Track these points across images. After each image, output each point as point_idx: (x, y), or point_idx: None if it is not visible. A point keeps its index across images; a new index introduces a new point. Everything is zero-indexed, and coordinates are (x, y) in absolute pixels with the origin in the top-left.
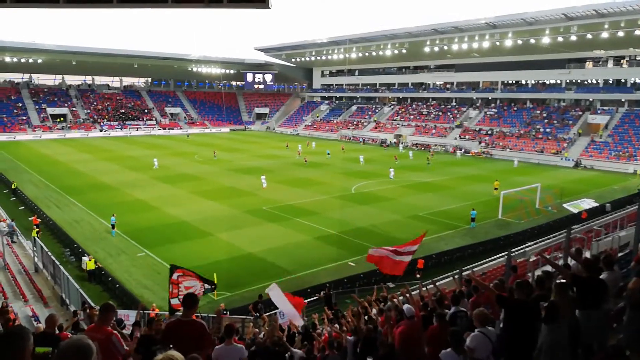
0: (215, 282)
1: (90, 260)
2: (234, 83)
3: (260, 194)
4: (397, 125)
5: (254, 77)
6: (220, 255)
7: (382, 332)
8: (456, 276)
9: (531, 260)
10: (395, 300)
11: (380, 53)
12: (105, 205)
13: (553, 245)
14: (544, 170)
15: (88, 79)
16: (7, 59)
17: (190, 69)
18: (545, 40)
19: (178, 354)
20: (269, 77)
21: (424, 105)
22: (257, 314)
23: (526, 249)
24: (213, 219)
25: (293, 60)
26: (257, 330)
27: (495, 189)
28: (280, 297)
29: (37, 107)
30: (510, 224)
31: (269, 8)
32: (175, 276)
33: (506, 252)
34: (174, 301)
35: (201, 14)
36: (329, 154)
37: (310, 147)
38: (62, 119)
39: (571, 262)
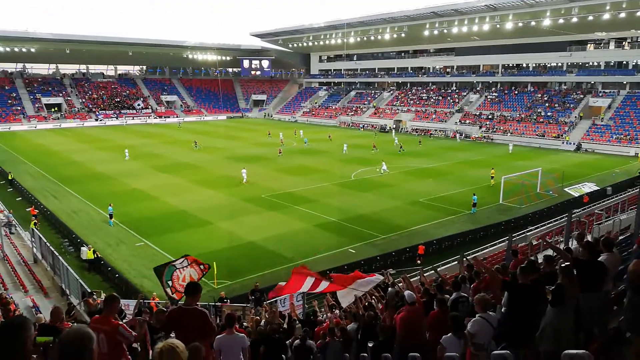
0: (209, 265)
1: (89, 250)
2: (230, 70)
3: (261, 182)
4: (397, 111)
5: (250, 64)
6: (220, 244)
7: (382, 319)
8: (458, 262)
9: (533, 244)
10: (397, 286)
11: (379, 37)
12: (103, 195)
13: (554, 230)
14: (545, 154)
15: (82, 67)
16: (0, 49)
17: (185, 56)
18: (546, 22)
19: (179, 342)
20: (265, 63)
21: (424, 90)
22: (253, 297)
23: (527, 234)
24: (212, 208)
25: (290, 45)
26: (258, 317)
27: (492, 177)
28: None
29: (31, 97)
30: (511, 209)
31: None
32: (172, 278)
33: (507, 237)
34: (174, 295)
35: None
36: (306, 142)
37: (298, 135)
38: (56, 108)
39: (572, 245)
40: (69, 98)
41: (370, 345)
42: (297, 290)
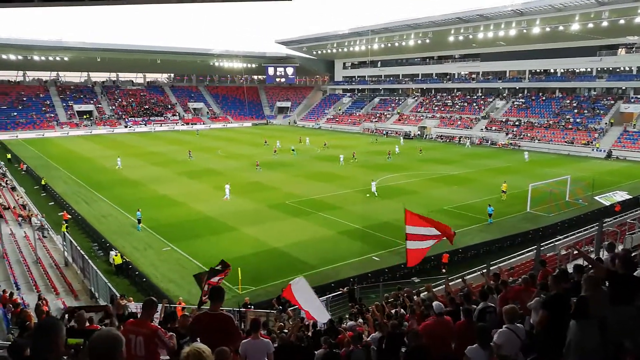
0: (228, 265)
1: (116, 255)
2: (255, 77)
3: (285, 189)
4: (421, 117)
5: (275, 71)
6: (246, 249)
7: (407, 327)
8: (481, 273)
9: (561, 254)
10: (426, 293)
11: (403, 43)
12: (131, 200)
13: (584, 239)
14: (574, 161)
15: (112, 75)
16: (36, 58)
17: (212, 64)
18: (575, 27)
19: (205, 347)
20: (290, 71)
21: (449, 96)
22: (280, 307)
23: (556, 243)
24: (237, 214)
25: (314, 52)
26: (282, 324)
27: (503, 191)
28: (305, 292)
29: (64, 104)
30: (539, 217)
31: (291, 0)
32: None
33: (535, 246)
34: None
35: (223, 8)
36: (293, 150)
37: (303, 142)
38: (88, 115)
39: (603, 256)
40: (99, 105)
41: (403, 351)
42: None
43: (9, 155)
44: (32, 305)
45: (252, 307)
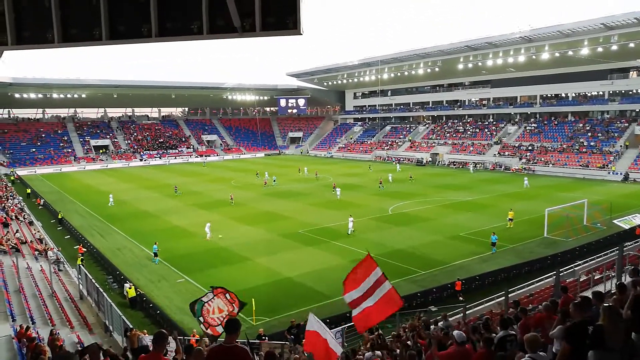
0: (240, 299)
1: (130, 288)
2: (267, 109)
3: (297, 217)
4: (433, 144)
5: (287, 102)
6: (259, 280)
7: (427, 357)
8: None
9: (581, 279)
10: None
11: (413, 72)
12: (146, 232)
13: (605, 264)
14: (590, 185)
15: (128, 110)
16: (55, 95)
17: (225, 97)
18: (585, 51)
19: None
20: (301, 102)
21: (460, 123)
22: (292, 337)
23: (575, 268)
24: (251, 244)
25: (325, 83)
26: (297, 357)
27: (510, 219)
28: (320, 325)
29: (81, 139)
30: (557, 242)
31: (301, 34)
32: (202, 313)
33: (554, 272)
34: (209, 331)
35: (235, 43)
36: (275, 180)
37: (302, 173)
38: (104, 150)
39: (626, 280)
40: (115, 140)
41: None
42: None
43: (28, 190)
44: (47, 340)
45: (266, 338)
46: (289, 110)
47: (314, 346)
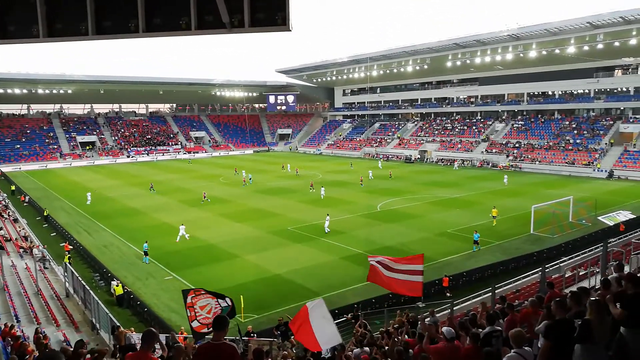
0: (232, 299)
1: (117, 286)
2: (256, 105)
3: (286, 214)
4: (422, 141)
5: (276, 99)
6: (248, 277)
7: (414, 352)
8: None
9: (567, 275)
10: (430, 318)
11: (402, 69)
12: (133, 229)
13: (589, 260)
14: (575, 182)
15: (115, 106)
16: (40, 91)
17: (213, 93)
18: (571, 49)
19: None
20: (291, 98)
21: (448, 120)
22: (279, 332)
23: (561, 265)
24: (239, 241)
25: (314, 80)
26: (286, 352)
27: (494, 217)
28: (322, 316)
29: (67, 135)
30: (543, 239)
31: (290, 30)
32: (189, 299)
33: (540, 268)
34: (195, 324)
35: (223, 39)
36: (250, 178)
37: (285, 169)
38: (90, 146)
39: (610, 277)
40: (102, 136)
41: None
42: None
43: (12, 187)
44: (32, 338)
45: (255, 335)
46: (278, 107)
47: (305, 335)
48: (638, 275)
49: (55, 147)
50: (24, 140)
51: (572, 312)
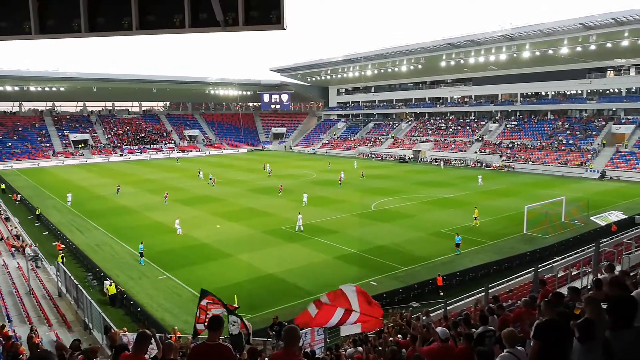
0: (237, 305)
1: (110, 285)
2: (251, 104)
3: (280, 214)
4: (416, 141)
5: (270, 98)
6: (241, 276)
7: (407, 352)
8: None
9: (559, 275)
10: (425, 318)
11: (396, 69)
12: (126, 228)
13: (582, 260)
14: (568, 182)
15: (108, 104)
16: (32, 88)
17: (207, 92)
18: (564, 50)
19: None
20: (285, 97)
21: (442, 120)
22: (273, 332)
23: (554, 264)
24: (233, 240)
25: (309, 79)
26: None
27: (475, 218)
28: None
29: (59, 133)
30: (536, 239)
31: (284, 29)
32: (204, 302)
33: (533, 268)
34: (200, 326)
35: (217, 37)
36: (211, 179)
37: (265, 170)
38: (83, 144)
39: (602, 276)
40: (95, 134)
41: None
42: (325, 324)
43: (2, 186)
44: (24, 338)
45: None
46: (272, 106)
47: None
48: (620, 278)
49: (48, 145)
50: (15, 138)
51: (555, 312)
